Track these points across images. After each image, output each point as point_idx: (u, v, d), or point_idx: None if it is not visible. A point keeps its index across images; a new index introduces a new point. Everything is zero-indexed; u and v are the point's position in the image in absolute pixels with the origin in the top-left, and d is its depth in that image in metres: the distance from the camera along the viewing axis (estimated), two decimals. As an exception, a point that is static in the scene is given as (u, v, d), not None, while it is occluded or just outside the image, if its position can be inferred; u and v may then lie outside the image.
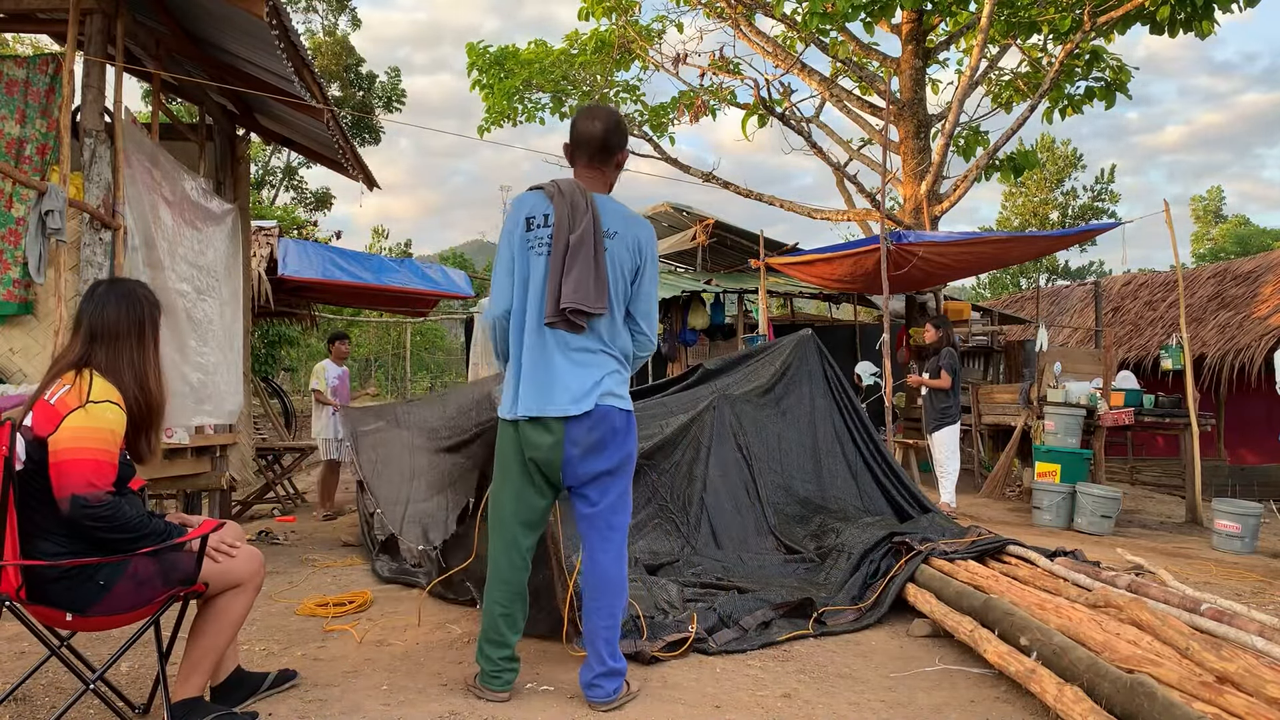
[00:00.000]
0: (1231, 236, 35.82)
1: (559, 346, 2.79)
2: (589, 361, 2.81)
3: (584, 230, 2.73)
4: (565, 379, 2.79)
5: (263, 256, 8.72)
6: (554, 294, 2.73)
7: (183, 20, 5.39)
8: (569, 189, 2.82)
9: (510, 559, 2.89)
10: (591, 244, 2.73)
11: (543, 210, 2.81)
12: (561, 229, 2.75)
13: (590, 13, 13.32)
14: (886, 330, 9.82)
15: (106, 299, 2.64)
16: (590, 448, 2.80)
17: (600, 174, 2.93)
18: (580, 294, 2.70)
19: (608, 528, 2.88)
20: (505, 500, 2.90)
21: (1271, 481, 11.26)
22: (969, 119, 12.89)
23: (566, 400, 2.77)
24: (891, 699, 3.06)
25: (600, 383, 2.81)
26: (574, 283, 2.70)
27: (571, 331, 2.78)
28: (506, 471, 2.89)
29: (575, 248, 2.72)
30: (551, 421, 2.79)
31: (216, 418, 5.77)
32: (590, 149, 2.90)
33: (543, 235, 2.79)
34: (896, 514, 5.33)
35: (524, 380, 2.81)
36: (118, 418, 2.50)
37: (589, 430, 2.79)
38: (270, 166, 24.88)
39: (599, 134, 2.87)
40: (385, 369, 23.57)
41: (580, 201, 2.78)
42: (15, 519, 2.42)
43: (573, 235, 2.73)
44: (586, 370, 2.81)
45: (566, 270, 2.71)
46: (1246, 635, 3.09)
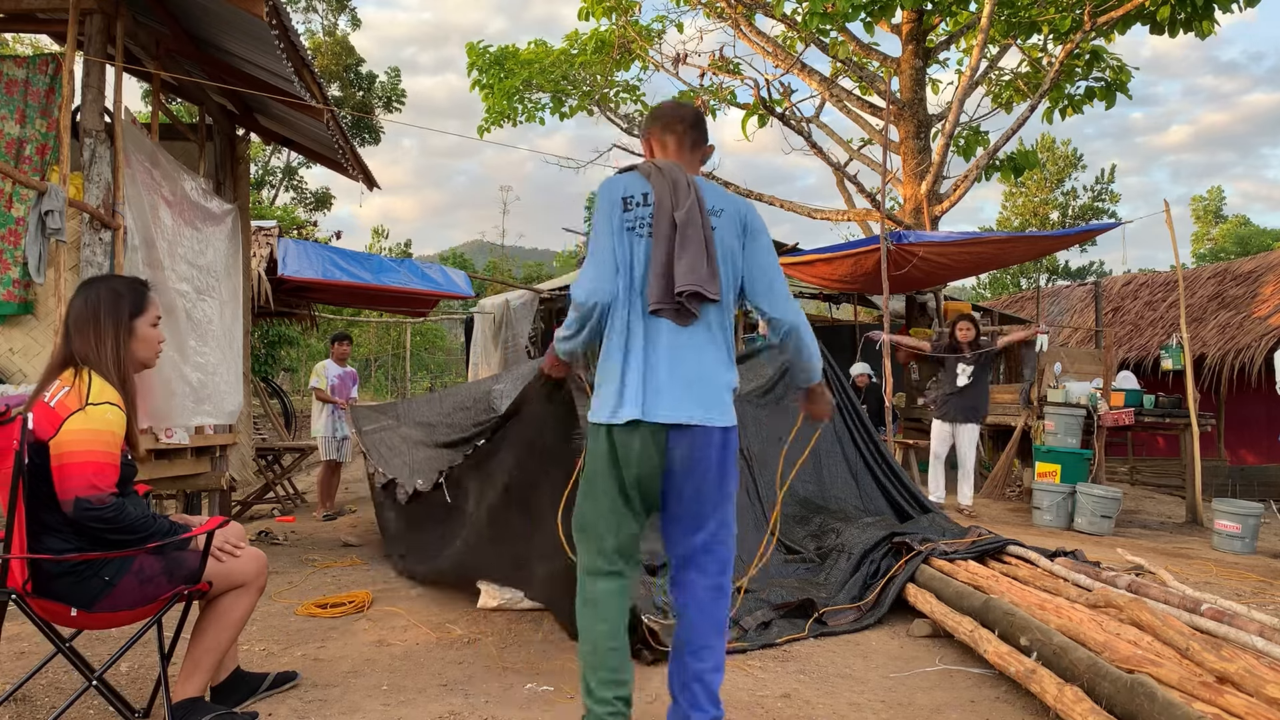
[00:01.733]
0: (1232, 236, 35.84)
1: (670, 338, 2.42)
2: (706, 357, 2.45)
3: (690, 208, 2.42)
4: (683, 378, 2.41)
5: (262, 256, 8.72)
6: (663, 277, 2.39)
7: (183, 20, 5.39)
8: (668, 167, 2.53)
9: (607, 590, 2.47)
10: (700, 222, 2.41)
11: (640, 189, 2.49)
12: (664, 207, 2.44)
13: (590, 13, 13.33)
14: (886, 330, 9.82)
15: (75, 295, 2.68)
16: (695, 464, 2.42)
17: (691, 161, 2.65)
18: (696, 275, 2.37)
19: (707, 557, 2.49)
20: (598, 523, 2.49)
21: (1271, 481, 11.27)
22: (969, 119, 12.90)
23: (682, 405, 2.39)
24: (891, 699, 3.06)
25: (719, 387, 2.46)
26: (689, 264, 2.37)
27: (680, 322, 2.42)
28: (596, 488, 2.48)
29: (685, 225, 2.40)
30: (657, 428, 2.39)
31: (216, 418, 5.76)
32: (682, 130, 2.63)
33: (643, 215, 2.47)
34: (896, 514, 5.33)
35: (630, 377, 2.41)
36: (118, 418, 2.50)
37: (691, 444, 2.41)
38: (270, 166, 24.88)
39: (692, 117, 2.65)
40: (385, 369, 23.58)
41: (681, 179, 2.49)
42: (24, 513, 2.42)
43: (678, 213, 2.42)
44: (707, 368, 2.45)
45: (679, 252, 2.38)
46: (1246, 635, 3.09)
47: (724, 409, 2.45)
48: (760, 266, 2.55)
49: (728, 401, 2.48)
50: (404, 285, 9.59)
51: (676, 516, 2.48)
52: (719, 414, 2.44)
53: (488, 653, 3.52)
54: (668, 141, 2.65)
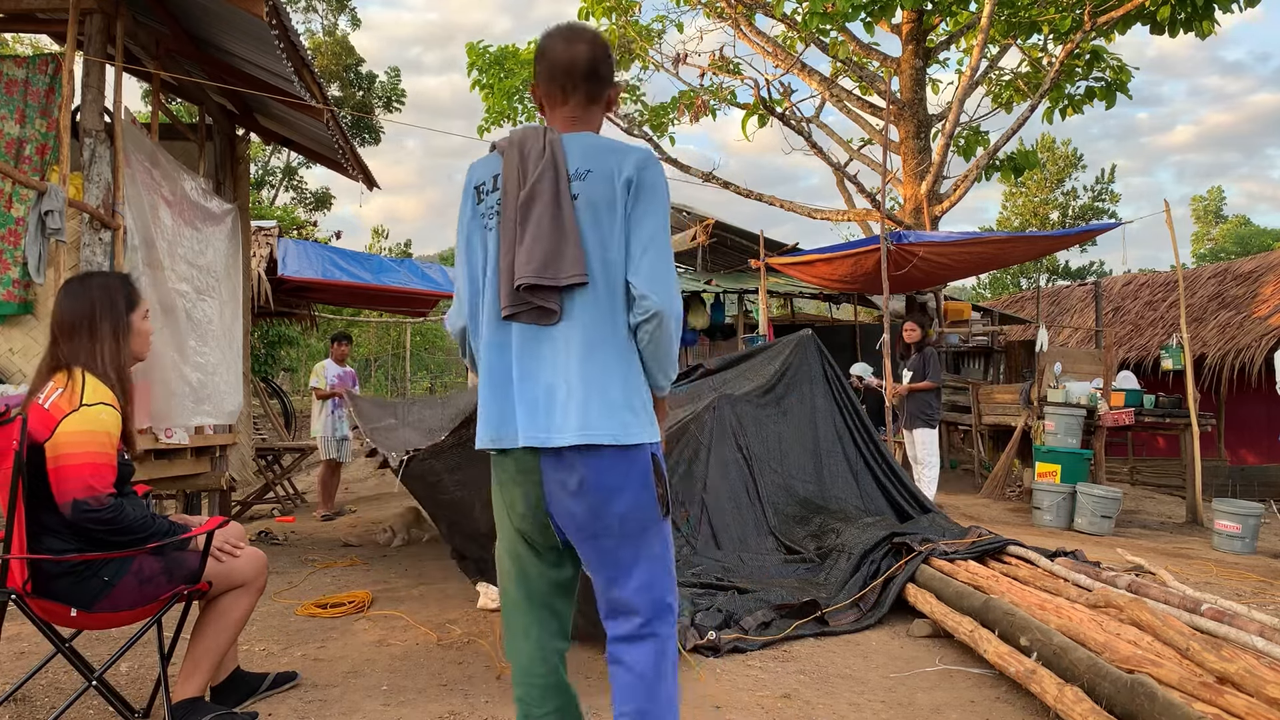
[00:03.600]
0: (1232, 236, 35.87)
1: (528, 347, 1.93)
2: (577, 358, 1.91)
3: (539, 178, 1.92)
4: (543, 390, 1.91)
5: (262, 256, 8.72)
6: (508, 271, 1.93)
7: (183, 20, 5.39)
8: (520, 135, 2.02)
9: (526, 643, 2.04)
10: (551, 192, 1.91)
11: (492, 172, 2.03)
12: (509, 187, 1.96)
13: (590, 13, 13.32)
14: (886, 330, 9.81)
15: (63, 295, 2.66)
16: (578, 495, 1.90)
17: (584, 118, 2.07)
18: (539, 263, 1.88)
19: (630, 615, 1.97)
20: (502, 565, 2.09)
21: (1271, 481, 11.26)
22: (969, 119, 12.90)
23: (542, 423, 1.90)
24: (891, 699, 3.06)
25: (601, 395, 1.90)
26: (527, 250, 1.89)
27: (542, 323, 1.92)
28: (498, 524, 2.08)
29: (526, 204, 1.92)
30: (521, 454, 1.94)
31: (216, 418, 5.76)
32: (571, 80, 2.03)
33: (491, 202, 2.01)
34: (897, 514, 5.33)
35: (487, 397, 1.99)
36: (113, 418, 2.49)
37: (571, 471, 1.89)
38: (270, 166, 24.88)
39: (584, 59, 2.02)
40: (385, 369, 23.58)
41: (536, 145, 1.96)
42: (24, 513, 2.42)
43: (522, 191, 1.94)
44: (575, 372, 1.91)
45: (518, 237, 1.91)
46: (1246, 635, 3.09)
47: (612, 422, 1.88)
48: (637, 232, 1.95)
49: (621, 413, 1.90)
50: (404, 285, 9.60)
51: (585, 564, 2.01)
52: (604, 428, 1.87)
53: (488, 653, 3.52)
54: (554, 97, 2.07)
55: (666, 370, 2.03)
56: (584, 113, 2.07)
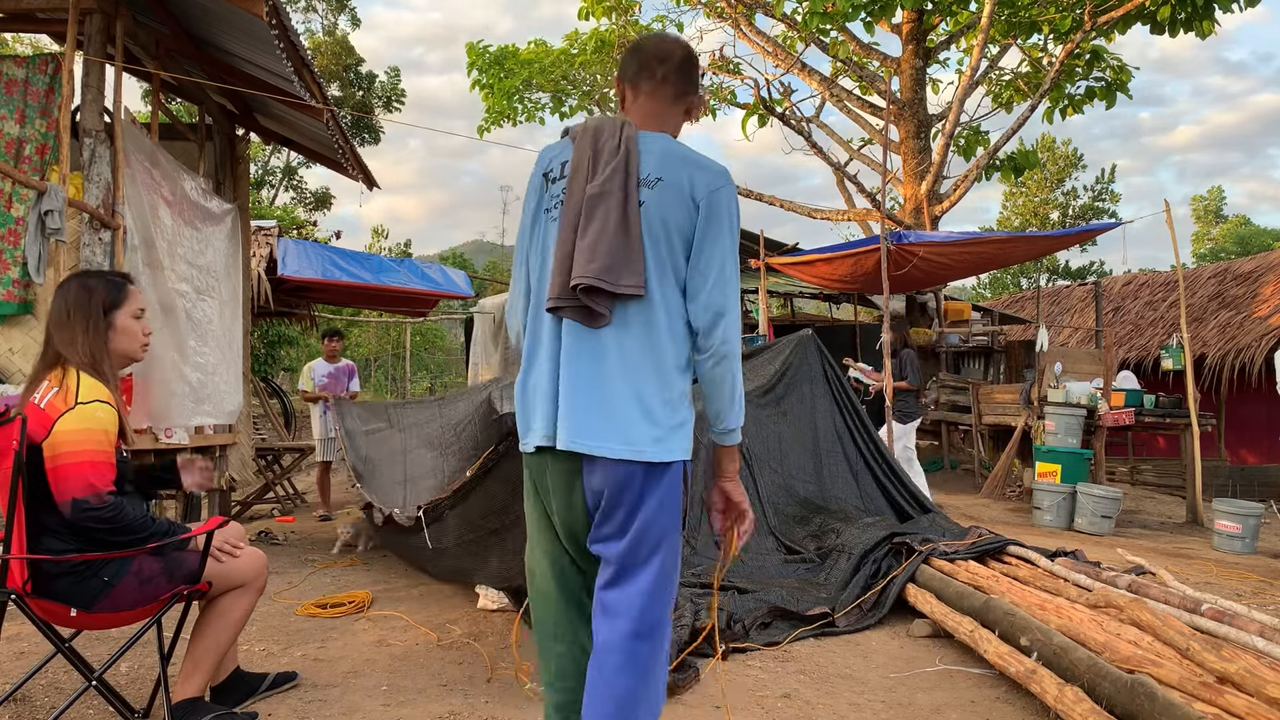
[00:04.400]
0: (1232, 236, 35.87)
1: (576, 348, 1.89)
2: (620, 370, 1.87)
3: (610, 175, 1.86)
4: (587, 397, 1.87)
5: (262, 256, 8.71)
6: (563, 264, 1.86)
7: (183, 20, 5.39)
8: (596, 123, 1.96)
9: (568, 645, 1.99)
10: (620, 194, 1.84)
11: (562, 159, 1.97)
12: (578, 177, 1.90)
13: (590, 12, 13.33)
14: (886, 330, 9.82)
15: (56, 292, 2.67)
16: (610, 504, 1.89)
17: (663, 114, 2.02)
18: (599, 264, 1.81)
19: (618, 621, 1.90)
20: (538, 568, 2.04)
21: (1271, 481, 11.26)
22: (969, 119, 12.91)
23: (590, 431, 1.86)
24: (892, 699, 3.06)
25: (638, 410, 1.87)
26: (590, 248, 1.82)
27: (590, 324, 1.86)
28: (531, 527, 2.06)
29: (593, 201, 1.85)
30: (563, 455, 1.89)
31: (216, 418, 5.76)
32: (664, 68, 2.00)
33: (558, 190, 1.95)
34: (897, 514, 5.33)
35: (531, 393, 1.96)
36: (109, 416, 2.49)
37: (604, 480, 1.88)
38: (270, 166, 24.89)
39: (679, 57, 2.02)
40: (385, 369, 23.59)
41: (611, 139, 1.90)
42: (23, 513, 2.42)
43: (592, 183, 1.87)
44: (618, 385, 1.87)
45: (580, 233, 1.85)
46: (1247, 635, 3.09)
47: (640, 438, 1.86)
48: (702, 259, 1.89)
49: (655, 430, 1.88)
50: (404, 285, 9.59)
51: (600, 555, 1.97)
52: (639, 445, 1.85)
53: (488, 653, 3.52)
54: (640, 84, 2.03)
55: (731, 407, 2.02)
56: (666, 109, 2.03)
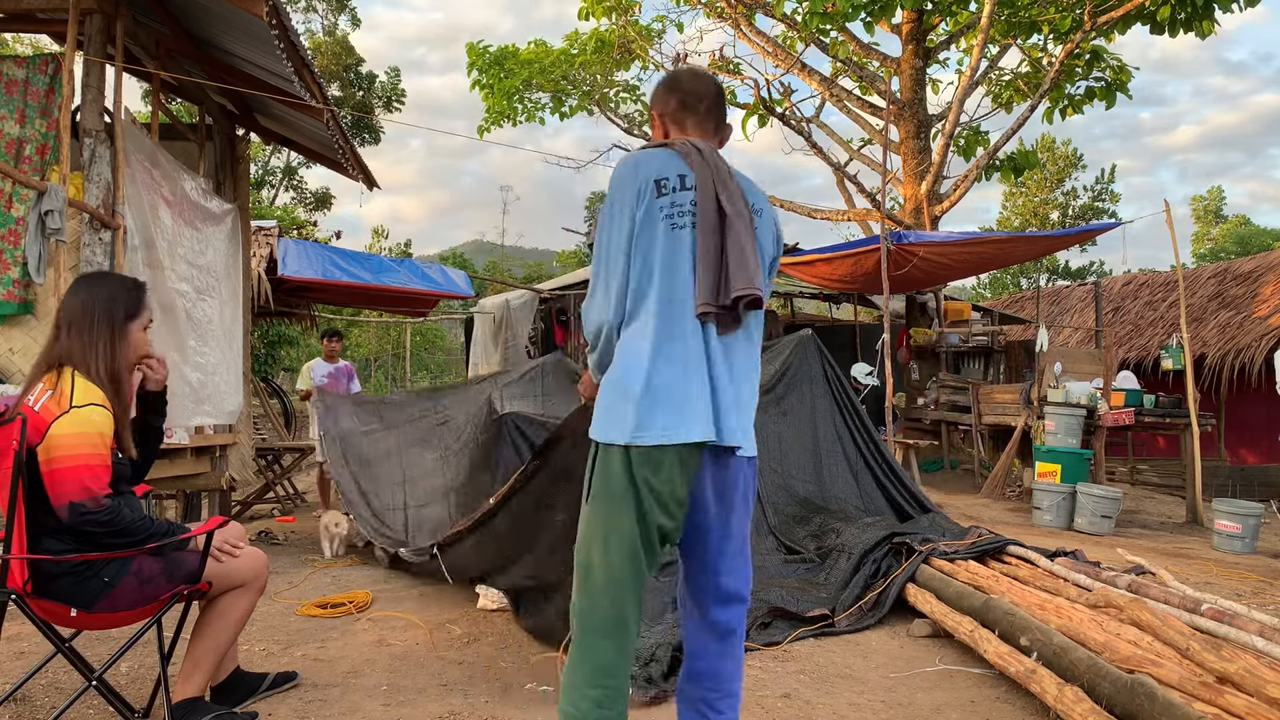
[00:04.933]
0: (1232, 236, 35.87)
1: (722, 350, 2.05)
2: (750, 374, 2.13)
3: (737, 199, 2.05)
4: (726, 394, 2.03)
5: (262, 256, 8.71)
6: (714, 274, 2.00)
7: (183, 20, 5.39)
8: (708, 148, 2.12)
9: (618, 641, 2.00)
10: (747, 216, 2.05)
11: (676, 170, 2.07)
12: (708, 192, 2.03)
13: (590, 12, 13.33)
14: (886, 330, 9.81)
15: (69, 292, 2.65)
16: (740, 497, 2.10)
17: (713, 144, 2.21)
18: (753, 278, 2.00)
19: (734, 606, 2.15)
20: (613, 564, 2.00)
21: (1271, 481, 11.26)
22: (969, 119, 12.90)
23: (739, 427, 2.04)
24: (891, 699, 3.06)
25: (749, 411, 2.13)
26: (741, 262, 2.00)
27: (723, 331, 2.05)
28: (614, 519, 2.01)
29: (734, 219, 2.02)
30: (692, 449, 1.98)
31: (216, 418, 5.76)
32: (704, 107, 2.20)
33: (682, 201, 2.04)
34: (897, 514, 5.33)
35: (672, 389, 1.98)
36: (104, 419, 2.48)
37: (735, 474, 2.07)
38: (270, 166, 24.89)
39: (714, 92, 2.23)
40: (385, 369, 23.58)
41: (723, 164, 2.10)
42: (24, 513, 2.42)
43: (725, 200, 2.03)
44: (747, 386, 2.12)
45: (730, 246, 2.01)
46: (1246, 635, 3.09)
47: (754, 437, 2.14)
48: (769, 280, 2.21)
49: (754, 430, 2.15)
50: (404, 285, 9.58)
51: (700, 559, 2.12)
52: (753, 443, 2.13)
53: (488, 653, 3.52)
54: (686, 121, 2.21)
55: None
56: (711, 142, 2.21)
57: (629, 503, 1.98)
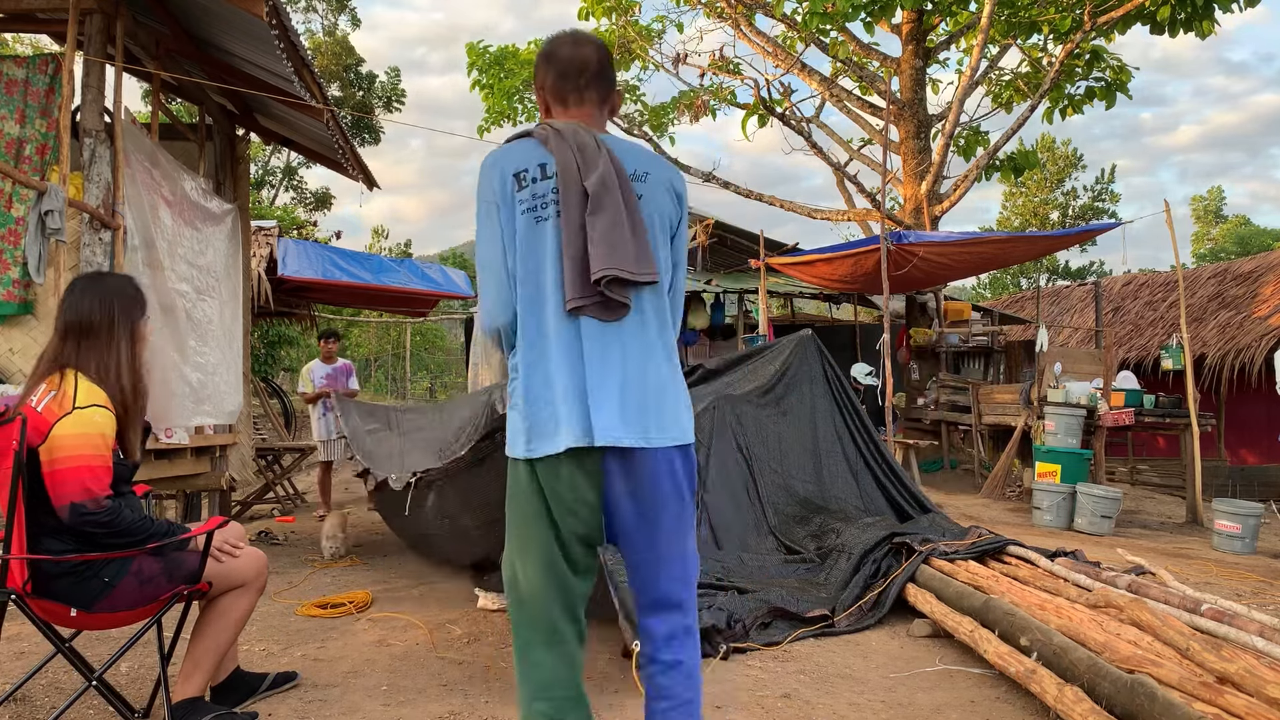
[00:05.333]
0: (1232, 236, 35.87)
1: (599, 343, 1.91)
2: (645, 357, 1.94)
3: (604, 172, 1.90)
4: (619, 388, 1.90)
5: (262, 256, 8.72)
6: (578, 262, 1.87)
7: (183, 20, 5.39)
8: (568, 127, 1.98)
9: (558, 650, 1.93)
10: (620, 188, 1.90)
11: (536, 160, 1.95)
12: (570, 176, 1.90)
13: (590, 13, 13.33)
14: (886, 330, 9.82)
15: (80, 294, 2.62)
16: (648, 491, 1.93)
17: (596, 117, 2.08)
18: (620, 255, 1.86)
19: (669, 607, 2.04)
20: (531, 575, 1.95)
21: (1271, 481, 11.26)
22: (969, 119, 12.90)
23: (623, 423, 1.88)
24: (891, 699, 3.06)
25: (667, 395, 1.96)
26: (606, 241, 1.86)
27: (607, 318, 1.90)
28: (526, 538, 1.95)
29: (599, 195, 1.88)
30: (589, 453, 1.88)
31: (216, 418, 5.76)
32: (584, 78, 2.04)
33: (543, 191, 1.92)
34: (897, 514, 5.33)
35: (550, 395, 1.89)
36: (106, 420, 2.49)
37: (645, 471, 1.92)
38: (270, 166, 24.89)
39: (595, 59, 2.05)
40: (385, 369, 23.58)
41: (589, 140, 1.95)
42: (24, 513, 2.42)
43: (589, 180, 1.89)
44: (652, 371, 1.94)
45: (591, 226, 1.87)
46: (1246, 635, 3.09)
47: (677, 423, 1.95)
48: (676, 247, 2.05)
49: (682, 414, 1.97)
50: (404, 285, 9.59)
51: (628, 561, 2.02)
52: (671, 430, 1.93)
53: (488, 653, 3.52)
54: (566, 95, 2.06)
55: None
56: (597, 114, 2.08)
57: (539, 512, 1.92)
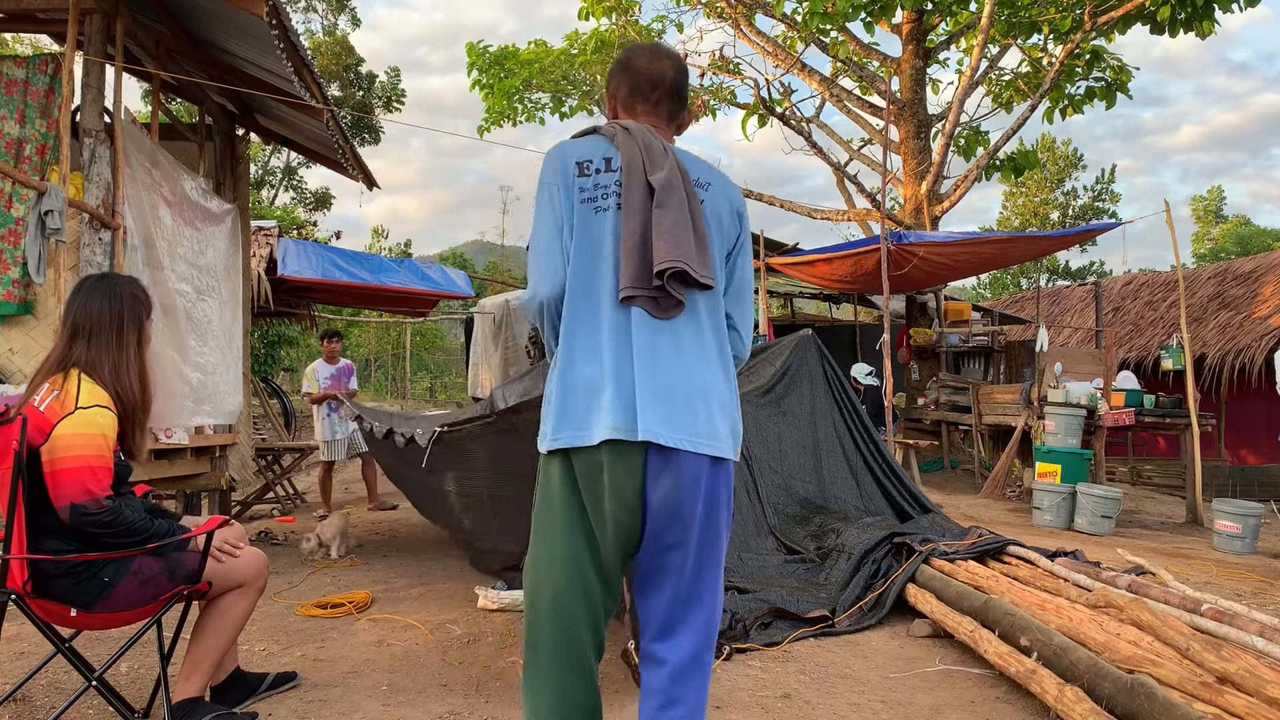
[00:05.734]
0: (1232, 236, 35.86)
1: (650, 335, 1.82)
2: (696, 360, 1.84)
3: (670, 171, 1.86)
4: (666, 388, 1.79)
5: (262, 256, 8.71)
6: (638, 253, 1.81)
7: (183, 20, 5.39)
8: (637, 128, 1.94)
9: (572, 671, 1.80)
10: (684, 189, 1.86)
11: (601, 153, 1.92)
12: (635, 169, 1.86)
13: (590, 12, 13.33)
14: (886, 330, 9.82)
15: (89, 294, 2.64)
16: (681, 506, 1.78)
17: (665, 130, 2.04)
18: (681, 250, 1.79)
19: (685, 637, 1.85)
20: (559, 585, 1.80)
21: (1271, 481, 11.26)
22: (969, 119, 12.90)
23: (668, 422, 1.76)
24: (892, 699, 3.06)
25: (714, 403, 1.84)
26: (673, 234, 1.80)
27: (659, 314, 1.82)
28: (558, 539, 1.81)
29: (664, 190, 1.83)
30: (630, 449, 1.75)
31: (216, 418, 5.76)
32: (658, 93, 2.01)
33: (606, 182, 1.89)
34: (897, 514, 5.33)
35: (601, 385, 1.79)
36: (108, 421, 2.49)
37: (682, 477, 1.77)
38: (270, 166, 24.89)
39: (671, 75, 2.02)
40: (385, 369, 23.59)
41: (655, 141, 1.92)
42: (24, 513, 2.42)
43: (655, 176, 1.85)
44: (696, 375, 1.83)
45: (656, 221, 1.81)
46: (1247, 635, 3.09)
47: (720, 433, 1.83)
48: (741, 279, 2.02)
49: (726, 425, 1.85)
50: (404, 285, 9.59)
51: (650, 572, 1.85)
52: (714, 440, 1.81)
53: (488, 653, 3.52)
54: (636, 107, 2.04)
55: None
56: (665, 130, 2.05)
57: (573, 513, 1.80)
